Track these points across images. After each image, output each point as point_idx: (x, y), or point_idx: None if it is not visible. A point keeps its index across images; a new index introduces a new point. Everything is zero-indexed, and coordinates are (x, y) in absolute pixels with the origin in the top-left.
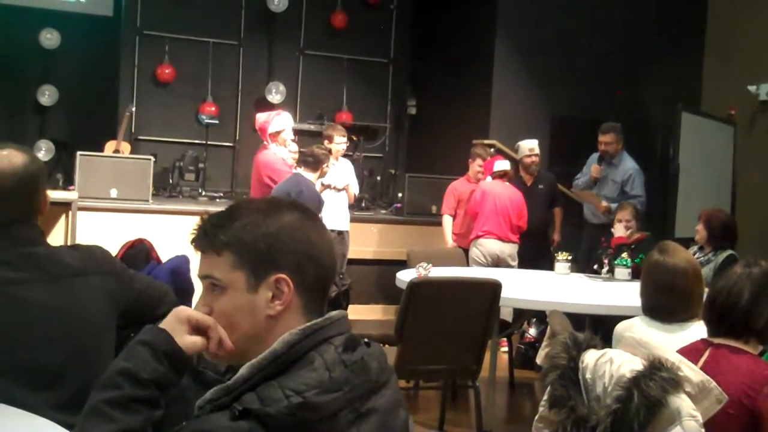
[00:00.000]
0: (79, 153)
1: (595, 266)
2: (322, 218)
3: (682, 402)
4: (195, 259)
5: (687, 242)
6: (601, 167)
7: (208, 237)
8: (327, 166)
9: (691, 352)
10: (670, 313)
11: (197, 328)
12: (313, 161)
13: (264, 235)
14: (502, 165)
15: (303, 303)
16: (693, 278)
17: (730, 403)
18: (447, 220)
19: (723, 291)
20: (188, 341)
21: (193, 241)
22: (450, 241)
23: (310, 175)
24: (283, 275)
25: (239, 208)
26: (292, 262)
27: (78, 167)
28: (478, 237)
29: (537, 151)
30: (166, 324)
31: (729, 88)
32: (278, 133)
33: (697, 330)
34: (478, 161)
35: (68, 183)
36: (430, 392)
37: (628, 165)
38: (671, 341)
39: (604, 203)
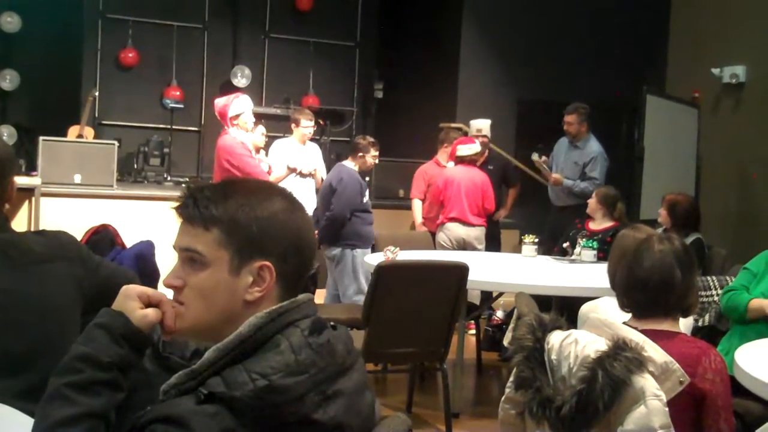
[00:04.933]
0: (41, 138)
1: (565, 244)
2: (367, 201)
3: (646, 382)
4: (160, 244)
5: (652, 224)
6: (541, 159)
7: (198, 208)
8: (371, 154)
9: None
10: None
11: (148, 304)
12: (353, 151)
13: (257, 219)
14: (463, 150)
15: (280, 293)
16: None
17: None
18: (417, 204)
19: (653, 272)
20: (139, 315)
21: (180, 209)
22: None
23: (352, 164)
24: (267, 263)
25: (233, 185)
26: (279, 250)
27: (41, 152)
28: (443, 222)
29: (484, 132)
30: (117, 304)
31: (693, 70)
32: (237, 116)
33: None
34: None
35: (31, 169)
36: (398, 375)
37: (593, 148)
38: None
39: (555, 175)
